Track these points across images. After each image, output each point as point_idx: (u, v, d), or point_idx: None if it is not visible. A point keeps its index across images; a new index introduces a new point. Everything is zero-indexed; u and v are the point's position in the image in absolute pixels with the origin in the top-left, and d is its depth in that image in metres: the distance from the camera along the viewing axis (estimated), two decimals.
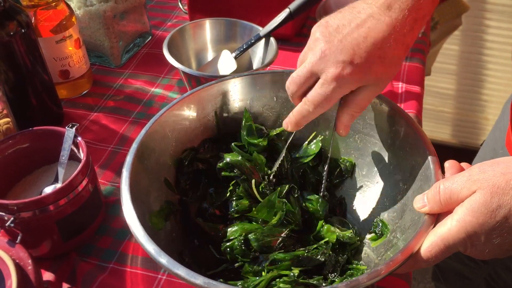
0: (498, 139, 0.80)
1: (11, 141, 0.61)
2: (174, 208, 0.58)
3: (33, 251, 0.56)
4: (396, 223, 0.52)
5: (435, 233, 0.43)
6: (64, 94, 0.83)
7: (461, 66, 1.75)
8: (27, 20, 0.68)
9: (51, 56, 0.77)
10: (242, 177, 0.59)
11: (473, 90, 1.79)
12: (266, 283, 0.50)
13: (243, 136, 0.62)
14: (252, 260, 0.53)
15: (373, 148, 0.59)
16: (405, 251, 0.43)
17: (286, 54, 0.95)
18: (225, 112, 0.64)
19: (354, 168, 0.62)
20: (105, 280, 0.58)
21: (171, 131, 0.59)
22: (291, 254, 0.52)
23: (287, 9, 0.79)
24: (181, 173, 0.61)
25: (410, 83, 0.88)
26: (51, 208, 0.55)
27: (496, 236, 0.40)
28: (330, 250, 0.53)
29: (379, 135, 0.58)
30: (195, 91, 0.61)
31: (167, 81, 0.89)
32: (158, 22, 1.05)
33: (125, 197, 0.49)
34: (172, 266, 0.43)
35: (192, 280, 0.41)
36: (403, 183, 0.54)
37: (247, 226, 0.55)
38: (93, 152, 0.74)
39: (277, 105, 0.65)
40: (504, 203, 0.39)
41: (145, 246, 0.45)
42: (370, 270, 0.42)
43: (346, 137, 0.61)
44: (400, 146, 0.55)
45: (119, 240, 0.62)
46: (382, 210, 0.56)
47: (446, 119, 1.90)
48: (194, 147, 0.63)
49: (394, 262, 0.42)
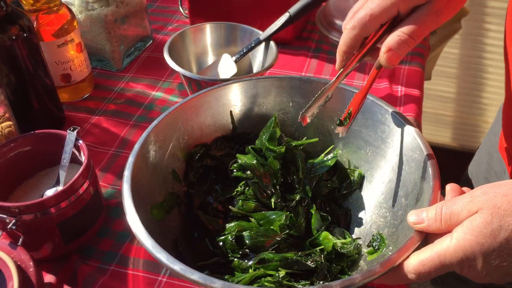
0: (493, 143, 0.81)
1: (13, 144, 0.62)
2: (179, 199, 0.59)
3: (34, 253, 0.57)
4: (393, 238, 0.52)
5: (432, 249, 0.42)
6: (65, 98, 0.84)
7: (462, 69, 1.75)
8: (29, 24, 0.69)
9: (52, 60, 0.78)
10: (253, 180, 0.59)
11: (473, 94, 1.80)
12: (249, 279, 0.50)
13: (263, 139, 0.61)
14: (242, 257, 0.54)
15: (382, 162, 0.59)
16: (384, 263, 0.42)
17: (286, 58, 0.96)
18: (241, 113, 0.65)
19: (363, 180, 0.61)
20: (106, 282, 0.58)
21: (184, 125, 0.60)
22: (280, 255, 0.52)
23: (287, 13, 0.80)
24: (191, 166, 0.62)
25: (409, 86, 0.88)
26: (53, 210, 0.55)
27: (495, 258, 0.39)
28: (324, 259, 0.53)
29: (389, 149, 0.58)
30: (215, 88, 0.62)
31: (167, 85, 0.89)
32: (159, 26, 1.06)
33: (126, 184, 0.50)
34: (171, 263, 0.43)
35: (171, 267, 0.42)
36: (405, 199, 0.54)
37: (244, 224, 0.56)
38: (94, 155, 0.75)
39: (292, 110, 0.65)
40: (505, 225, 0.38)
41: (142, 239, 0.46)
42: (346, 278, 0.42)
43: (358, 148, 0.61)
44: (407, 161, 0.55)
45: (120, 243, 0.63)
46: (383, 224, 0.56)
47: (446, 122, 1.90)
48: (206, 143, 0.64)
49: (370, 273, 0.42)
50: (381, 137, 0.59)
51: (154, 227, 0.51)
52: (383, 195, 0.58)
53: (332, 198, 0.62)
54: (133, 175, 0.51)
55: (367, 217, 0.59)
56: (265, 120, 0.64)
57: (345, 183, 0.62)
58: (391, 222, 0.55)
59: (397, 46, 0.48)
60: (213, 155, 0.63)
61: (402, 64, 0.94)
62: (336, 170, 0.63)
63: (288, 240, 0.56)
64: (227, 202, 0.60)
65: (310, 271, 0.52)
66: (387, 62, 0.49)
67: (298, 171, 0.61)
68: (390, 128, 0.58)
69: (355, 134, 0.61)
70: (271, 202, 0.58)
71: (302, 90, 0.64)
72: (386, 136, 0.58)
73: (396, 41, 0.48)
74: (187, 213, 0.60)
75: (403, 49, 0.48)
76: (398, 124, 0.57)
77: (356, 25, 0.50)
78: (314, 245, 0.56)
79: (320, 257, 0.52)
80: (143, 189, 0.53)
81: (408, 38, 0.48)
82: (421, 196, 0.50)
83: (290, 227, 0.56)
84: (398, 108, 0.83)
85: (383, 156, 0.59)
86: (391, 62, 0.49)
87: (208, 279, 0.41)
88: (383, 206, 0.57)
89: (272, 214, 0.56)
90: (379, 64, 0.51)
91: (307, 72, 0.92)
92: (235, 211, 0.58)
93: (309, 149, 0.65)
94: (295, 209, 0.59)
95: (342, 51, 0.53)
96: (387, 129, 0.58)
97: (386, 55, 0.48)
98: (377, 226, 0.57)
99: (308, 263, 0.52)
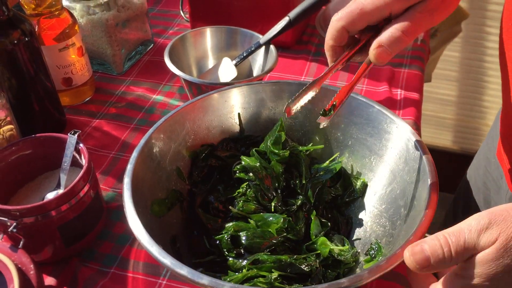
0: (491, 148, 0.80)
1: (14, 147, 0.62)
2: (181, 197, 0.60)
3: (35, 256, 0.57)
4: (390, 247, 0.52)
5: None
6: (67, 101, 0.85)
7: (462, 72, 1.75)
8: (30, 28, 0.69)
9: (54, 63, 0.78)
10: (255, 182, 0.60)
11: (474, 97, 1.80)
12: (241, 279, 0.50)
13: (268, 143, 0.62)
14: (237, 256, 0.54)
15: (385, 171, 0.59)
16: (373, 269, 0.42)
17: (287, 62, 0.96)
18: (250, 116, 0.66)
19: (366, 188, 0.61)
20: (106, 285, 0.58)
21: (191, 124, 0.61)
22: (275, 257, 0.52)
23: (287, 17, 0.80)
24: (196, 165, 0.62)
25: (409, 90, 0.88)
26: (53, 213, 0.55)
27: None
28: (319, 264, 0.53)
29: (392, 158, 0.58)
30: (224, 90, 0.63)
31: (168, 88, 0.90)
32: (160, 30, 1.06)
33: (128, 178, 0.51)
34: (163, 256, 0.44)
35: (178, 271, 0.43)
36: (404, 209, 0.54)
37: (241, 224, 0.56)
38: (95, 158, 0.75)
39: (300, 115, 0.65)
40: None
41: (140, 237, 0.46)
42: (332, 282, 0.42)
43: (363, 157, 0.61)
44: (408, 171, 0.55)
45: (120, 246, 0.63)
46: (382, 234, 0.56)
47: (447, 125, 1.90)
48: (212, 143, 0.64)
49: (358, 278, 0.42)
50: (385, 146, 0.59)
51: (153, 222, 0.52)
52: (384, 204, 0.58)
53: (335, 205, 0.63)
54: (136, 169, 0.52)
55: (367, 225, 0.59)
56: (273, 124, 0.65)
57: (348, 191, 0.62)
58: (390, 232, 0.55)
59: (389, 43, 0.46)
60: (218, 156, 0.64)
61: (402, 68, 0.94)
62: (340, 177, 0.63)
63: (285, 244, 0.56)
64: (228, 202, 0.61)
65: (305, 276, 0.52)
66: (376, 59, 0.46)
67: (301, 176, 0.61)
68: (394, 137, 0.58)
69: (361, 142, 0.61)
70: (272, 205, 0.59)
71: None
72: (390, 145, 0.58)
73: (388, 38, 0.46)
74: (188, 211, 0.61)
75: (394, 46, 0.46)
76: (402, 133, 0.57)
77: (342, 16, 0.48)
78: (311, 250, 0.55)
79: (315, 262, 0.52)
80: (145, 184, 0.54)
81: (401, 35, 0.45)
82: (419, 208, 0.50)
83: (288, 230, 0.56)
84: (397, 112, 0.83)
85: (386, 165, 0.59)
86: (380, 59, 0.46)
87: (196, 275, 0.42)
88: (383, 215, 0.57)
89: (270, 216, 0.56)
90: (370, 59, 0.49)
91: (307, 76, 0.93)
92: (234, 211, 0.58)
93: (314, 155, 0.65)
94: (296, 214, 0.59)
95: (328, 45, 0.51)
96: (392, 138, 0.58)
97: (375, 51, 0.46)
98: (376, 235, 0.57)
99: (302, 266, 0.52)
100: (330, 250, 0.54)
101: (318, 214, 0.60)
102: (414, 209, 0.51)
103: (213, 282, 0.41)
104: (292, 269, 0.52)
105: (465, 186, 0.91)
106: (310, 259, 0.53)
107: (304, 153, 0.63)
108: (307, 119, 0.65)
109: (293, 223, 0.57)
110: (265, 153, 0.62)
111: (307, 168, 0.62)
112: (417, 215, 0.48)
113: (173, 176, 0.60)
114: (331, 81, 0.91)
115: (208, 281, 0.41)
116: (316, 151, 0.65)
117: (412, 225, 0.47)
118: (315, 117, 0.64)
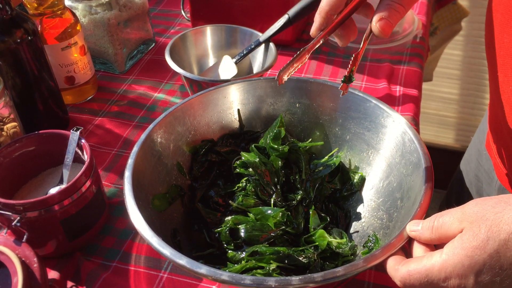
0: (482, 141, 0.81)
1: (18, 144, 0.63)
2: (181, 192, 0.61)
3: (39, 250, 0.58)
4: (387, 239, 0.52)
5: (421, 262, 0.41)
6: (69, 100, 0.86)
7: (464, 71, 1.76)
8: (33, 28, 0.70)
9: (57, 62, 0.79)
10: (254, 177, 0.60)
11: (475, 95, 1.80)
12: (239, 270, 0.51)
13: (267, 138, 0.63)
14: (236, 248, 0.55)
15: (382, 165, 0.60)
16: (368, 258, 0.43)
17: (286, 59, 0.96)
18: (249, 112, 0.66)
19: (364, 182, 0.62)
20: (109, 278, 0.59)
21: (191, 119, 0.62)
22: (273, 248, 0.53)
23: (286, 15, 0.81)
24: (196, 161, 0.63)
25: (408, 86, 0.89)
26: (56, 208, 0.56)
27: (487, 272, 0.38)
28: (318, 256, 0.54)
29: (389, 152, 0.59)
30: (223, 86, 0.64)
31: (169, 87, 0.91)
32: (162, 29, 1.08)
33: (128, 172, 0.52)
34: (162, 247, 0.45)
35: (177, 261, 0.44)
36: (401, 201, 0.55)
37: (240, 218, 0.57)
38: (97, 155, 0.76)
39: (299, 111, 0.66)
40: (493, 235, 0.37)
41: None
42: (328, 271, 0.42)
43: (361, 151, 0.62)
44: (405, 164, 0.56)
45: (122, 240, 0.64)
46: (379, 226, 0.57)
47: (448, 124, 1.91)
48: (212, 139, 0.65)
49: (353, 267, 0.42)
50: (382, 139, 0.60)
51: (154, 216, 0.53)
52: (381, 197, 0.59)
53: (333, 199, 0.63)
54: (136, 164, 0.53)
55: (365, 218, 0.60)
56: (273, 120, 0.65)
57: (346, 185, 0.63)
58: (387, 224, 0.55)
59: (388, 14, 0.47)
60: (218, 151, 0.65)
61: (401, 65, 0.95)
62: (338, 172, 0.64)
63: (284, 236, 0.56)
64: (228, 197, 0.62)
65: (304, 267, 0.53)
66: (380, 32, 0.47)
67: (300, 172, 0.62)
68: (390, 131, 0.59)
69: (359, 137, 0.62)
70: (271, 200, 0.60)
71: (309, 92, 0.65)
72: (387, 138, 0.59)
73: (387, 9, 0.47)
74: (189, 205, 0.61)
75: (394, 17, 0.47)
76: (398, 127, 0.58)
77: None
78: (310, 242, 0.56)
79: (313, 254, 0.53)
80: (145, 178, 0.55)
81: (398, 5, 0.47)
82: (414, 199, 0.51)
83: (287, 224, 0.57)
84: (396, 108, 0.84)
85: (383, 159, 0.60)
86: (384, 31, 0.47)
87: (194, 264, 0.43)
88: (380, 208, 0.58)
89: (269, 210, 0.57)
90: (369, 33, 0.49)
91: (307, 73, 0.93)
92: (234, 206, 0.59)
93: (313, 150, 0.66)
94: (295, 209, 0.60)
95: (324, 11, 0.50)
96: (388, 132, 0.59)
97: (378, 24, 0.47)
98: (374, 228, 0.57)
99: (300, 258, 0.52)
100: (328, 242, 0.55)
101: (317, 208, 0.61)
102: (410, 201, 0.52)
103: (211, 272, 0.42)
104: (290, 261, 0.52)
105: (458, 180, 0.91)
106: (308, 251, 0.54)
107: (303, 149, 0.64)
108: (305, 115, 0.66)
109: (291, 217, 0.58)
110: (265, 149, 0.63)
111: (306, 164, 0.62)
112: (412, 206, 0.49)
113: (173, 171, 0.61)
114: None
115: (206, 270, 0.42)
116: (315, 146, 0.66)
117: (408, 216, 0.48)
118: (314, 113, 0.65)
